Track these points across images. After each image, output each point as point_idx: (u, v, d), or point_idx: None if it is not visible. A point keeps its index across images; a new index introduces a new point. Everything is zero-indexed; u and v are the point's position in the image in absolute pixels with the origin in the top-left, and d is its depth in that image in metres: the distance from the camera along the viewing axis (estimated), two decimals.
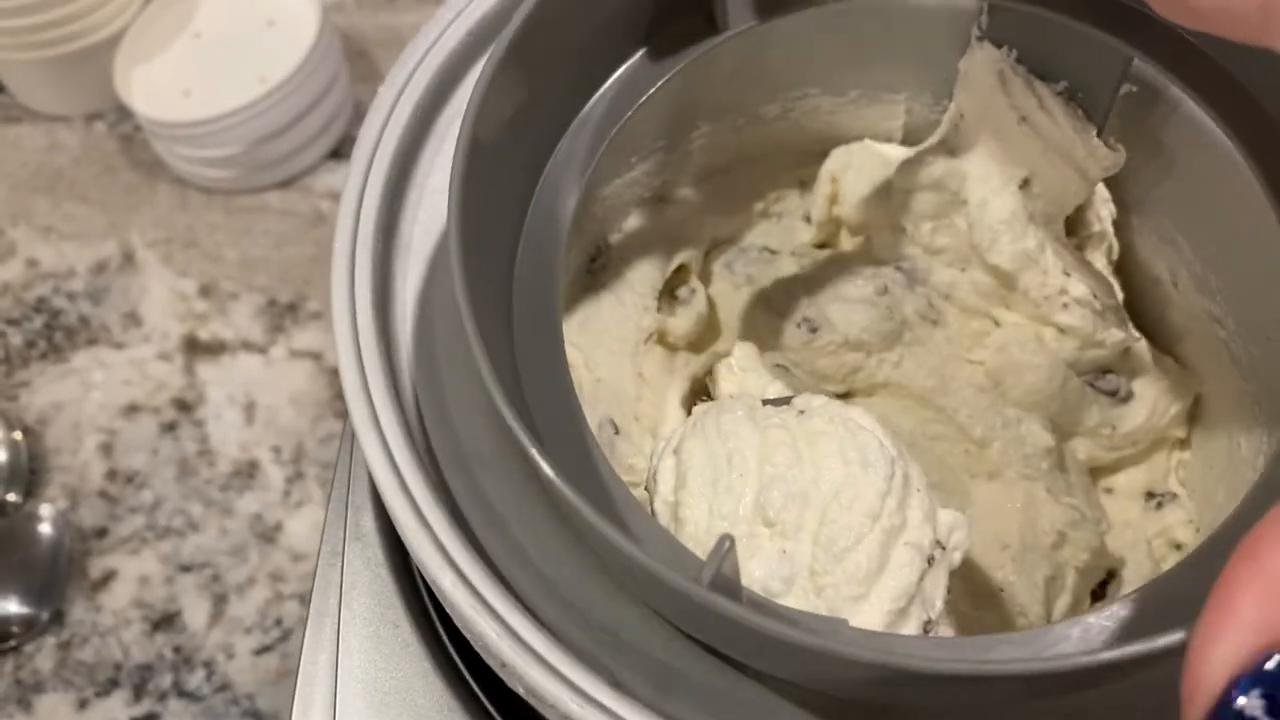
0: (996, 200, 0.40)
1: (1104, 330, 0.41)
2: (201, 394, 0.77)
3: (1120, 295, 0.42)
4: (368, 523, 0.37)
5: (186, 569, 0.71)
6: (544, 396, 0.32)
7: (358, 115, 0.89)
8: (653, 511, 0.33)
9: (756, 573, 0.30)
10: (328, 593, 0.36)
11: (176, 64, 0.84)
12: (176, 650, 0.69)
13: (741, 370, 0.43)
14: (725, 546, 0.25)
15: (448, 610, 0.28)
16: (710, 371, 0.44)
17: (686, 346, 0.45)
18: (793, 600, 0.30)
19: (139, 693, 0.68)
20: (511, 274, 0.34)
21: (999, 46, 0.39)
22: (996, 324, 0.43)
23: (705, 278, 0.45)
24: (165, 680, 0.69)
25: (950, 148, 0.42)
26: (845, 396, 0.44)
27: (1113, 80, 0.37)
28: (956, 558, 0.33)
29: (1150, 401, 0.42)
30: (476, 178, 0.30)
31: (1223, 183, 0.36)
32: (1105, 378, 0.42)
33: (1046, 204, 0.40)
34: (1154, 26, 0.33)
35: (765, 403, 0.34)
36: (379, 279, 0.33)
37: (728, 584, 0.26)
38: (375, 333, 0.32)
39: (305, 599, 0.69)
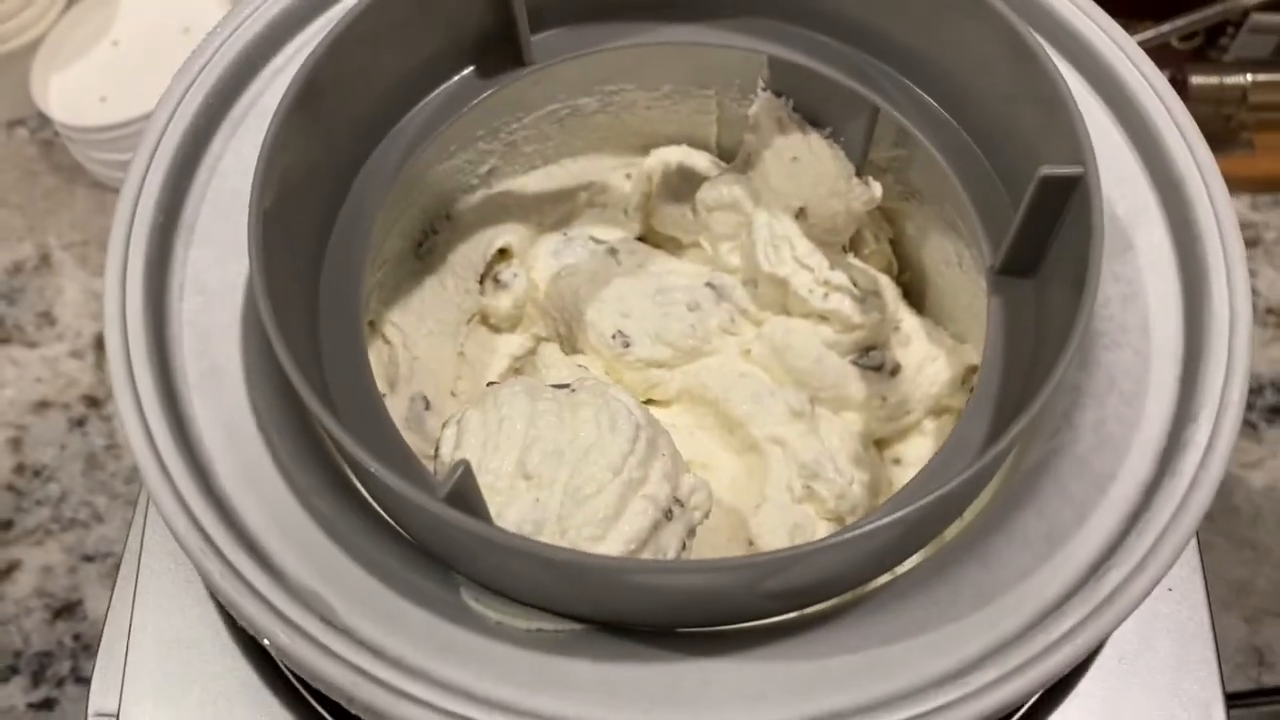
0: (776, 223, 0.43)
1: (863, 313, 0.44)
2: (111, 390, 0.79)
3: (894, 290, 0.45)
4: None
5: (89, 559, 0.73)
6: (340, 371, 0.34)
7: None
8: (434, 472, 0.35)
9: (512, 518, 0.33)
10: (131, 556, 0.39)
11: (94, 70, 0.87)
12: (76, 638, 0.71)
13: (545, 368, 0.45)
14: (459, 469, 0.28)
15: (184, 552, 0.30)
16: (532, 351, 0.46)
17: (508, 327, 0.47)
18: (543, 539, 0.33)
19: (37, 679, 0.70)
20: (320, 266, 0.36)
21: (779, 96, 0.43)
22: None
23: (530, 262, 0.48)
24: (64, 667, 0.70)
25: (744, 175, 0.45)
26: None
27: (865, 126, 0.41)
28: (697, 516, 0.35)
29: (915, 372, 0.44)
30: (286, 154, 0.33)
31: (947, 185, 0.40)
32: (869, 354, 0.45)
33: (821, 231, 0.44)
34: (897, 82, 0.40)
35: (551, 386, 0.37)
36: (154, 256, 0.35)
37: (461, 500, 0.28)
38: (142, 305, 0.35)
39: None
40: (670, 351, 0.44)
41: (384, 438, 0.33)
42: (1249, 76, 0.84)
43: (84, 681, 0.70)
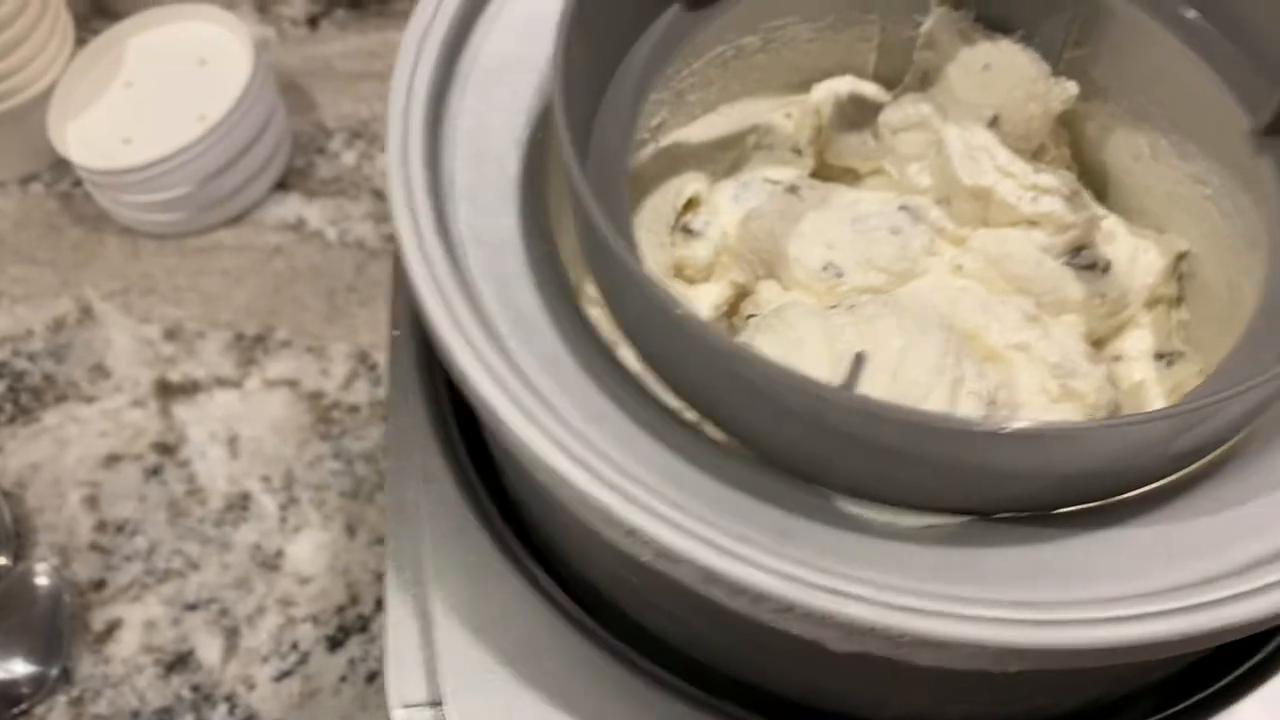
0: (970, 135, 0.43)
1: (1073, 212, 0.44)
2: (182, 435, 0.76)
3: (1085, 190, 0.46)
4: (436, 464, 0.37)
5: (192, 608, 0.70)
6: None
7: (298, 147, 0.89)
8: None
9: None
10: (406, 541, 0.37)
11: (112, 113, 0.84)
12: (195, 689, 0.68)
13: (767, 306, 0.45)
14: (860, 362, 0.27)
15: (563, 494, 0.28)
16: (736, 296, 0.46)
17: (703, 277, 0.46)
18: None
19: None
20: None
21: (957, 8, 0.43)
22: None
23: (713, 210, 0.47)
24: None
25: (924, 91, 0.45)
26: None
27: (1062, 24, 0.41)
28: (1005, 414, 0.35)
29: (1128, 265, 0.45)
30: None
31: (1174, 66, 0.40)
32: (1081, 254, 0.45)
33: (1015, 139, 0.44)
34: None
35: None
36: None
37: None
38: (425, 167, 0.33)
39: (318, 619, 0.69)
40: (884, 276, 0.44)
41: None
42: None
43: None
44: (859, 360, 0.28)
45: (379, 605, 0.69)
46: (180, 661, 0.68)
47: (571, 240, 0.36)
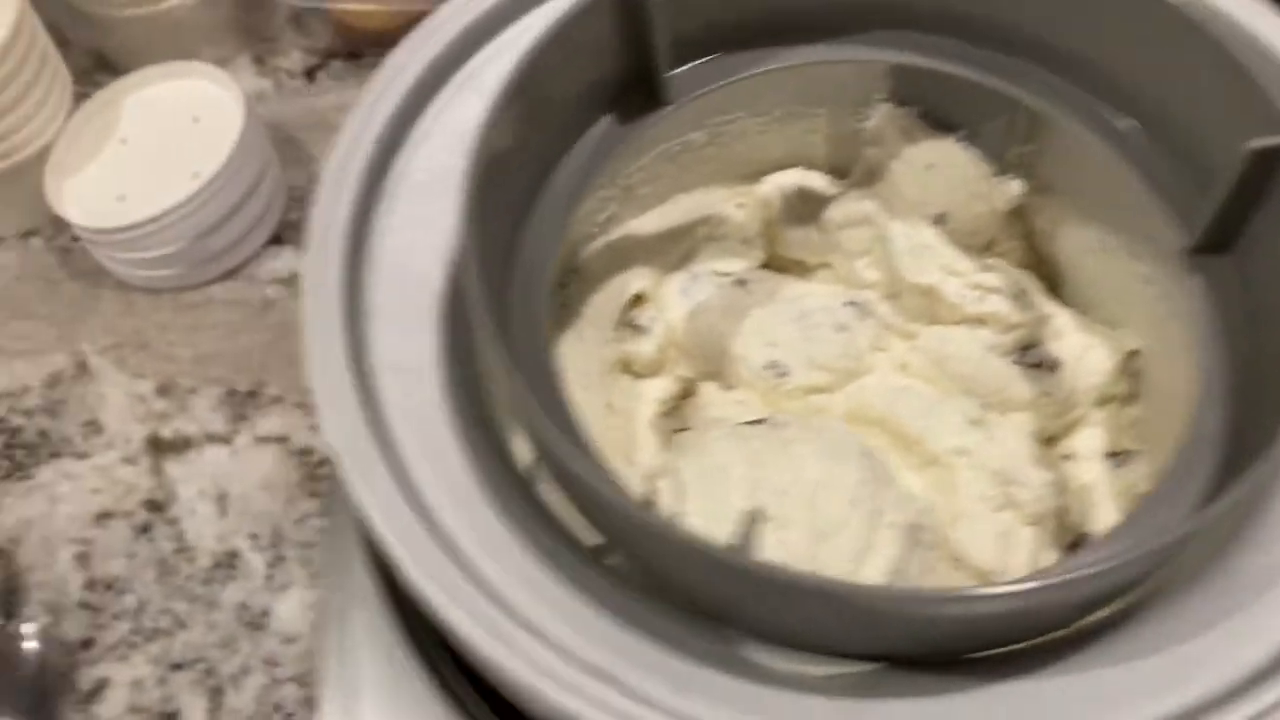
0: (914, 233, 0.43)
1: (1019, 311, 0.43)
2: (172, 492, 0.77)
3: (1036, 284, 0.45)
4: (364, 583, 0.37)
5: (178, 667, 0.71)
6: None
7: (293, 200, 0.90)
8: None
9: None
10: (334, 664, 0.37)
11: (107, 171, 0.85)
12: None
13: (707, 408, 0.45)
14: (752, 519, 0.27)
15: (460, 646, 0.29)
16: (678, 395, 0.46)
17: (651, 372, 0.46)
18: None
19: None
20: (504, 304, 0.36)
21: (901, 105, 0.43)
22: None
23: (662, 303, 0.47)
24: None
25: (871, 185, 0.45)
26: None
27: (1004, 124, 0.41)
28: (928, 537, 0.34)
29: (1076, 364, 0.44)
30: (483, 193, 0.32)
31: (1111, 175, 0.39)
32: (1029, 352, 0.45)
33: (963, 235, 0.44)
34: (1033, 72, 0.38)
35: (741, 425, 0.36)
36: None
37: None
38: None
39: (302, 680, 0.69)
40: (828, 375, 0.44)
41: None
42: None
43: None
44: (753, 518, 0.28)
45: None
46: None
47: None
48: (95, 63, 0.95)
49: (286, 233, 0.89)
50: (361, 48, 0.98)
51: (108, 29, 0.92)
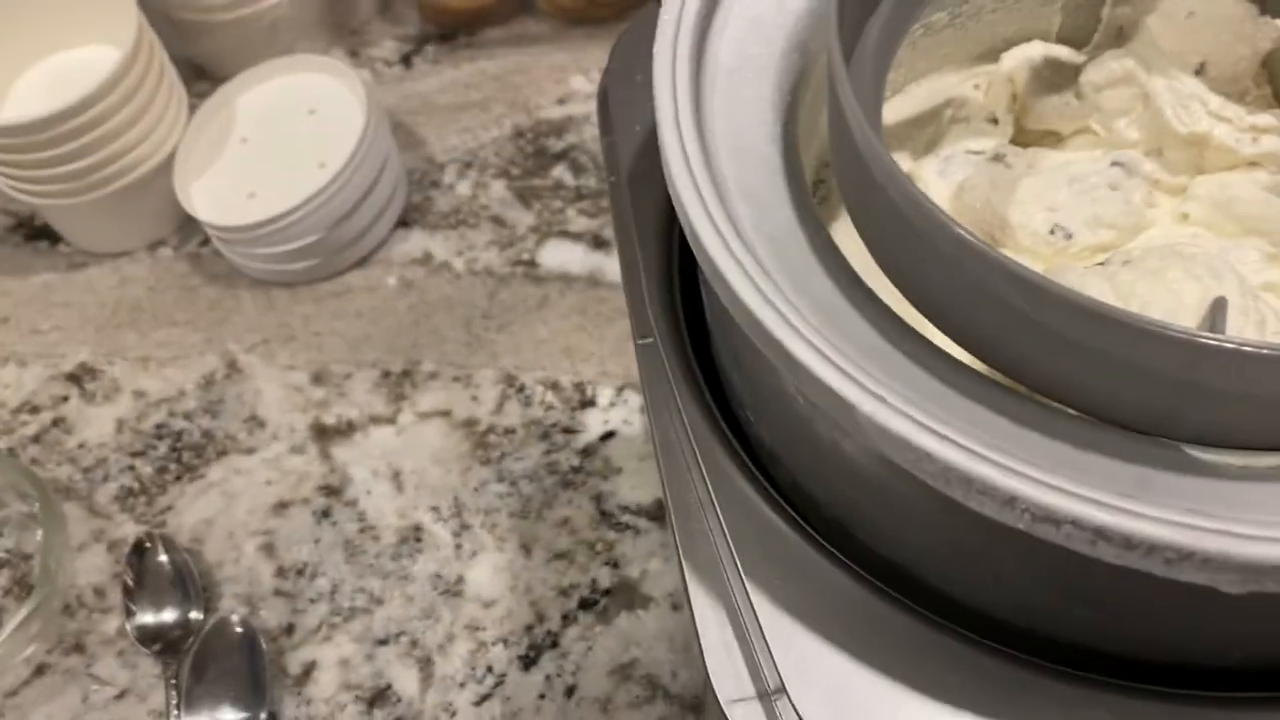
0: (1178, 84, 0.44)
1: None
2: (345, 475, 0.78)
3: None
4: (720, 463, 0.37)
5: (383, 642, 0.71)
6: None
7: (413, 183, 0.91)
8: None
9: None
10: (699, 541, 0.37)
11: (233, 171, 0.86)
12: None
13: None
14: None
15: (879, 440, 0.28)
16: None
17: None
18: None
19: None
20: None
21: None
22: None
23: (921, 188, 0.48)
24: None
25: (1120, 46, 0.45)
26: None
27: None
28: None
29: None
30: None
31: None
32: None
33: (1222, 82, 0.44)
34: None
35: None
36: None
37: None
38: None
39: (509, 641, 0.70)
40: (1112, 233, 0.44)
41: None
42: None
43: None
44: (1219, 306, 0.28)
45: (566, 621, 0.70)
46: (380, 696, 0.70)
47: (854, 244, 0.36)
48: (192, 72, 0.96)
49: (412, 215, 0.89)
50: (453, 30, 0.99)
51: (205, 35, 0.93)
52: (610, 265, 0.84)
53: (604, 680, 0.68)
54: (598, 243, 0.86)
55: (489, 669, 0.70)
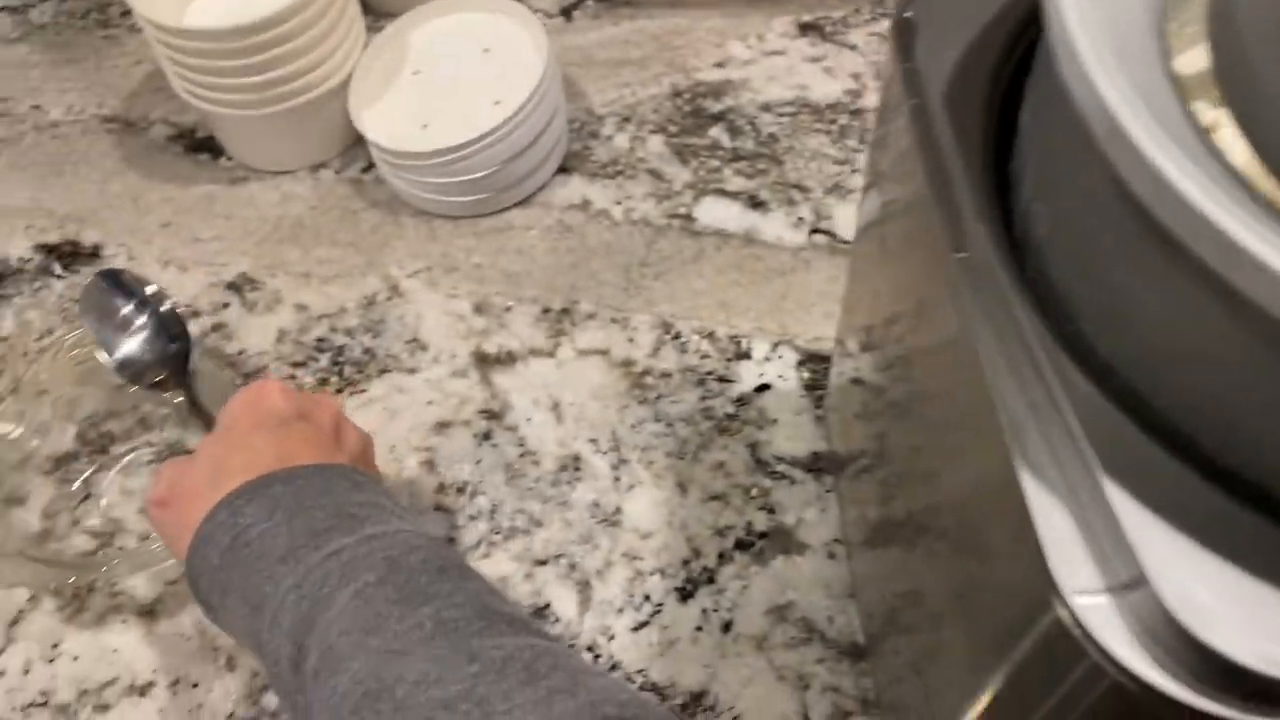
0: None
1: None
2: (506, 402, 0.80)
3: None
4: (1057, 361, 0.39)
5: (542, 563, 0.73)
6: None
7: (573, 132, 0.93)
8: None
9: None
10: (1037, 443, 0.39)
11: (405, 101, 0.88)
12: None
13: None
14: None
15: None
16: None
17: None
18: None
19: None
20: None
21: None
22: None
23: None
24: None
25: None
26: None
27: None
28: None
29: None
30: None
31: None
32: None
33: None
34: None
35: None
36: None
37: None
38: None
39: (665, 572, 0.72)
40: None
41: None
42: None
43: None
44: None
45: (722, 559, 0.72)
46: (539, 615, 0.72)
47: None
48: (363, 7, 0.97)
49: (571, 162, 0.91)
50: None
51: None
52: (766, 225, 0.87)
53: (760, 619, 0.70)
54: (754, 202, 0.88)
55: (646, 597, 0.72)
